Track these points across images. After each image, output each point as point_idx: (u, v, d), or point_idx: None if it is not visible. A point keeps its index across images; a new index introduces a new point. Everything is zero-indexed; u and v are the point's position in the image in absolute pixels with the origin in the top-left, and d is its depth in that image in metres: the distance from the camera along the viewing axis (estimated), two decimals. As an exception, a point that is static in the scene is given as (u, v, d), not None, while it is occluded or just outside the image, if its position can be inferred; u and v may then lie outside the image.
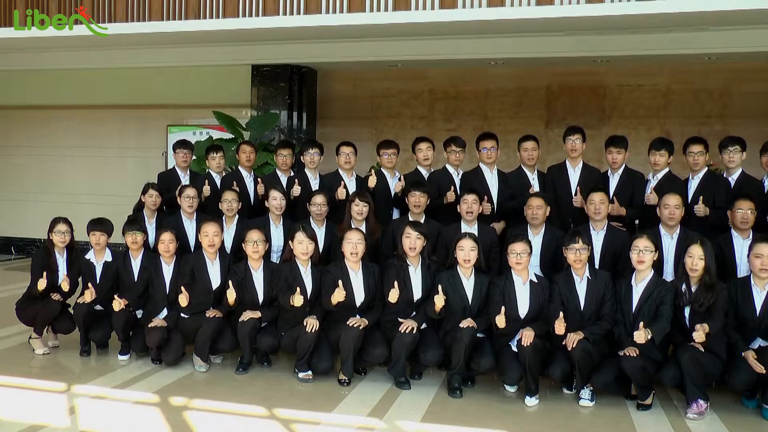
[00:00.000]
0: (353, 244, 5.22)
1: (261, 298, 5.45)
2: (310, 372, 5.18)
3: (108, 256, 5.88)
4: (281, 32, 8.60)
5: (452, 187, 6.07)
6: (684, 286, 4.79)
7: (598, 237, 5.44)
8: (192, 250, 6.01)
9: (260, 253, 5.45)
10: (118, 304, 5.46)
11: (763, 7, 7.10)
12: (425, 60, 9.35)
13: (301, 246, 5.30)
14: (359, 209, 5.72)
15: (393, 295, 5.10)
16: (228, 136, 9.27)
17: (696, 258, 4.72)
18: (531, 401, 4.78)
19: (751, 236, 5.18)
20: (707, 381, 4.68)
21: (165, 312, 5.59)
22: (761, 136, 6.27)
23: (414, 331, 5.01)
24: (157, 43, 9.48)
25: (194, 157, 7.75)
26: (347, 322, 5.07)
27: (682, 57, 8.82)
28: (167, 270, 5.65)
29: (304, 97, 10.02)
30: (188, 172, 6.99)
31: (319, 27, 8.22)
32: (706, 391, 4.64)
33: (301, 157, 6.57)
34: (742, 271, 5.15)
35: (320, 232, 5.83)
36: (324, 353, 5.19)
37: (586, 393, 4.80)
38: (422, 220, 5.70)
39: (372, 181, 6.20)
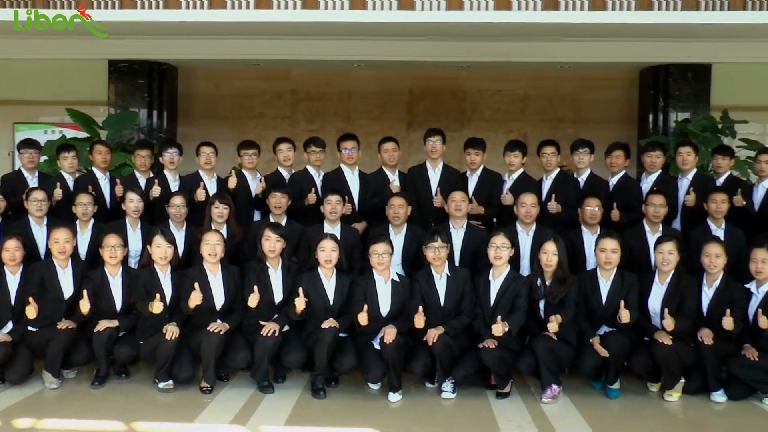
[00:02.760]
0: (212, 246, 5.10)
1: (119, 305, 5.20)
2: (170, 381, 5.00)
3: (-58, 267, 5.40)
4: (138, 26, 8.24)
5: (313, 189, 6.07)
6: (539, 281, 5.05)
7: (458, 234, 5.61)
8: (43, 257, 5.64)
9: (118, 259, 5.21)
10: (-47, 319, 5.03)
11: (608, 21, 7.63)
12: (288, 60, 9.26)
13: (160, 250, 5.12)
14: (219, 212, 5.59)
15: (253, 300, 5.03)
16: (83, 135, 8.79)
17: (550, 254, 4.99)
18: (394, 397, 4.86)
19: (599, 232, 5.53)
20: (560, 367, 4.99)
21: (10, 326, 5.18)
22: (607, 139, 6.67)
23: (276, 334, 4.96)
24: (2, 33, 8.82)
25: (46, 158, 7.30)
26: (208, 328, 4.95)
27: (537, 65, 9.29)
28: (12, 280, 5.25)
29: (164, 95, 9.64)
30: (36, 173, 6.56)
31: (178, 22, 7.97)
32: (559, 376, 4.93)
33: (160, 158, 6.34)
34: (590, 264, 5.48)
35: (179, 236, 5.64)
36: (185, 361, 5.02)
37: (447, 386, 4.94)
38: (283, 222, 5.65)
39: (232, 182, 6.08)
